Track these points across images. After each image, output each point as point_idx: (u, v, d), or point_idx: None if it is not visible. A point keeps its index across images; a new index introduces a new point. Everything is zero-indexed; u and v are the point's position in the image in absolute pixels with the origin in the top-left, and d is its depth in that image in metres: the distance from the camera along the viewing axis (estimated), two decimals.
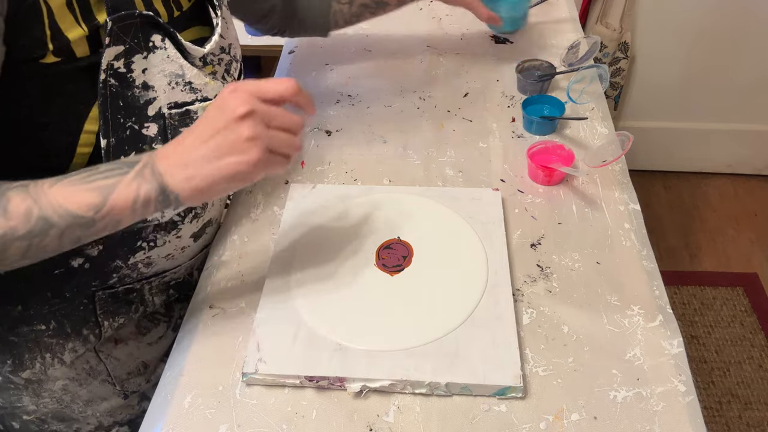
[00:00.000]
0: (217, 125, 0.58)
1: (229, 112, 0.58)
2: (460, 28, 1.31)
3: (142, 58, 0.64)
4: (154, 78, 0.66)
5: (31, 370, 0.79)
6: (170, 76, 0.67)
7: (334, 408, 0.70)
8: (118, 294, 0.80)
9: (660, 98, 2.11)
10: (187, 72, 0.68)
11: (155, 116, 0.68)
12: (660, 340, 0.74)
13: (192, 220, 0.81)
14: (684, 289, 1.92)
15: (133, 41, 0.63)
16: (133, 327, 0.85)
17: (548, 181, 0.94)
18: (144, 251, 0.77)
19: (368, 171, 0.99)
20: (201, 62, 0.72)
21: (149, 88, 0.66)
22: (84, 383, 0.82)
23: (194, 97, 0.70)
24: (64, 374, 0.80)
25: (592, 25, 1.93)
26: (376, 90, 1.15)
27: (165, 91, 0.67)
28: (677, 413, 0.68)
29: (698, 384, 1.69)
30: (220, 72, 0.76)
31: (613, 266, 0.83)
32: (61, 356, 0.79)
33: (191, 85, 0.69)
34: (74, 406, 0.83)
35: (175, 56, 0.67)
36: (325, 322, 0.75)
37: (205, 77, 0.70)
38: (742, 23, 1.91)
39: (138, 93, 0.66)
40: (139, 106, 0.66)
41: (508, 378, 0.69)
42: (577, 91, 1.04)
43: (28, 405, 0.82)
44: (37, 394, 0.81)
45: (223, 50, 0.76)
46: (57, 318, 0.77)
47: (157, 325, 0.88)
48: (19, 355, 0.78)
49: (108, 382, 0.84)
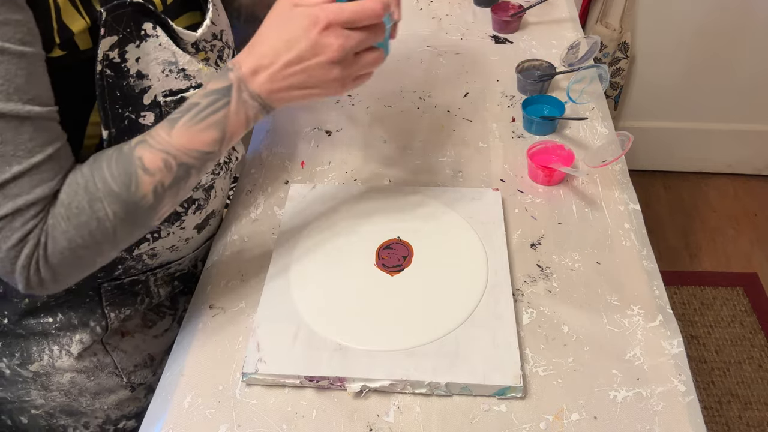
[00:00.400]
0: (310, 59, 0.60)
1: (324, 53, 0.59)
2: (460, 28, 1.31)
3: (135, 47, 0.64)
4: (148, 66, 0.66)
5: (39, 363, 0.79)
6: (164, 64, 0.67)
7: (334, 408, 0.70)
8: (123, 285, 0.81)
9: (660, 98, 2.11)
10: (180, 59, 0.69)
11: (151, 105, 0.68)
12: (660, 340, 0.74)
13: (195, 211, 0.82)
14: (684, 289, 1.92)
15: (126, 30, 0.63)
16: (139, 319, 0.86)
17: (548, 181, 0.94)
18: (148, 242, 0.78)
19: (368, 171, 0.99)
20: (194, 49, 0.72)
21: (143, 76, 0.67)
22: (92, 375, 0.82)
23: (188, 84, 0.71)
24: (71, 366, 0.81)
25: (592, 25, 1.93)
26: (376, 90, 1.15)
27: (159, 79, 0.68)
28: (677, 413, 0.68)
29: (698, 384, 1.69)
30: (213, 58, 0.76)
31: (613, 266, 0.83)
32: (69, 348, 0.79)
33: (185, 72, 0.70)
34: (82, 399, 0.83)
35: (167, 44, 0.67)
36: (325, 322, 0.75)
37: (198, 63, 0.71)
38: (742, 23, 1.91)
39: (133, 82, 0.66)
40: (134, 96, 0.67)
41: (508, 378, 0.69)
42: (577, 91, 1.04)
43: (36, 399, 0.82)
44: (45, 388, 0.81)
45: (215, 36, 0.76)
46: (63, 310, 0.78)
47: (162, 317, 0.89)
48: (26, 348, 0.79)
49: (115, 375, 0.84)
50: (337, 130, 1.07)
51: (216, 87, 0.62)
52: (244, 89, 0.61)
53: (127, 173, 0.60)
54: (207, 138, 0.62)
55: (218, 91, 0.62)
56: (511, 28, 1.28)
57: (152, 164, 0.61)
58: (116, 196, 0.60)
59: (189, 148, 0.61)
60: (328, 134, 1.06)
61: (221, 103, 0.61)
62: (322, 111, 1.11)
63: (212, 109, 0.61)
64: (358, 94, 1.14)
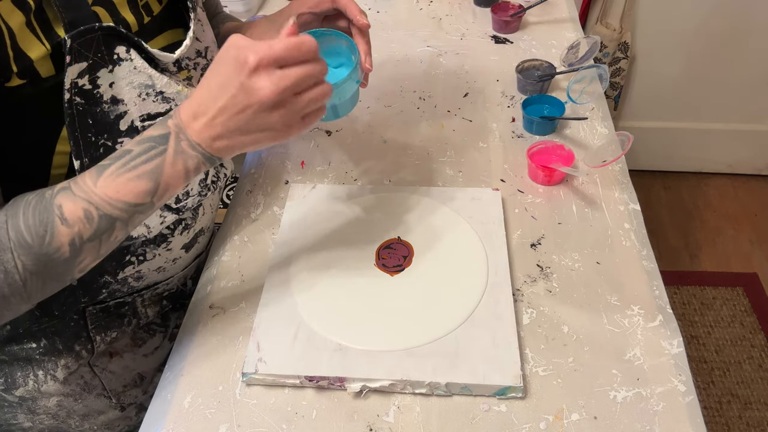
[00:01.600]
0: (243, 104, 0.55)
1: (256, 97, 0.55)
2: (460, 28, 1.31)
3: (107, 72, 0.61)
4: (123, 91, 0.63)
5: (24, 388, 0.77)
6: (140, 88, 0.64)
7: (334, 408, 0.70)
8: (109, 308, 0.79)
9: (660, 98, 2.11)
10: (156, 82, 0.65)
11: (128, 130, 0.65)
12: (660, 340, 0.74)
13: (182, 231, 0.79)
14: (684, 289, 1.92)
15: (96, 56, 0.59)
16: (128, 339, 0.84)
17: (548, 181, 0.94)
18: (133, 266, 0.76)
19: (368, 171, 0.99)
20: (175, 67, 0.69)
21: (118, 102, 0.63)
22: (79, 398, 0.81)
23: (167, 107, 0.67)
24: (57, 390, 0.79)
25: (592, 25, 1.93)
26: (376, 90, 1.15)
27: (135, 103, 0.64)
28: (677, 413, 0.68)
29: (698, 384, 1.69)
30: (196, 77, 0.73)
31: (613, 266, 0.83)
32: (54, 373, 0.78)
33: (163, 94, 0.66)
34: (70, 421, 0.82)
35: (142, 66, 0.63)
36: (325, 322, 0.75)
37: (177, 85, 0.67)
38: (742, 23, 1.91)
39: (107, 108, 0.63)
40: (109, 122, 0.63)
41: (508, 378, 0.69)
42: (577, 91, 1.04)
43: (23, 422, 0.80)
44: (32, 411, 0.79)
45: (199, 54, 0.73)
46: (47, 335, 0.76)
47: (153, 335, 0.87)
48: (11, 374, 0.77)
49: (104, 396, 0.83)
50: (337, 130, 1.07)
51: (152, 134, 0.57)
52: (183, 138, 0.57)
53: (43, 223, 0.55)
54: (137, 188, 0.57)
55: (154, 138, 0.57)
56: (511, 28, 1.28)
57: (72, 214, 0.56)
58: (28, 247, 0.55)
59: (115, 199, 0.56)
60: (328, 134, 1.06)
61: (156, 152, 0.57)
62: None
63: (146, 157, 0.57)
64: None
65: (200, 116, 0.57)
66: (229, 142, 0.57)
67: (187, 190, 0.76)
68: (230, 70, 0.55)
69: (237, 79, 0.55)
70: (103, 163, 0.57)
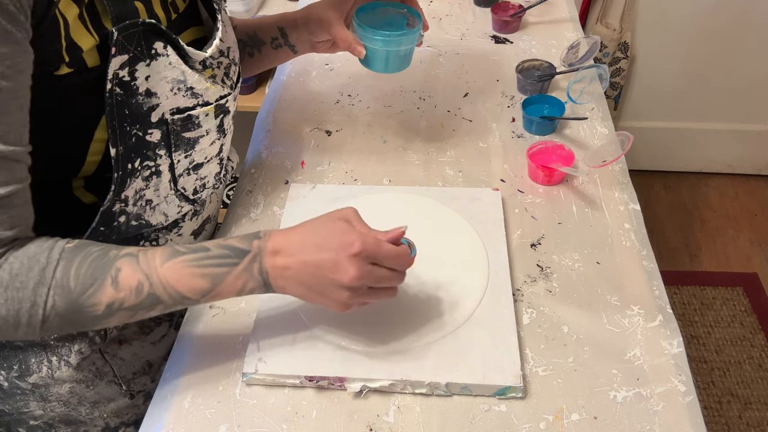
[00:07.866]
0: (325, 273, 0.62)
1: (339, 275, 0.61)
2: (460, 28, 1.31)
3: (145, 66, 0.64)
4: (157, 85, 0.66)
5: (38, 375, 0.78)
6: (172, 83, 0.67)
7: (334, 408, 0.70)
8: None
9: (660, 98, 2.11)
10: (188, 78, 0.69)
11: (158, 122, 0.68)
12: (660, 340, 0.74)
13: (192, 217, 0.82)
14: (684, 289, 1.92)
15: (137, 49, 0.63)
16: (136, 327, 0.85)
17: (548, 181, 0.94)
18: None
19: (368, 171, 0.99)
20: (201, 66, 0.72)
21: (152, 94, 0.66)
22: (91, 385, 0.82)
23: (195, 102, 0.71)
24: (70, 377, 0.80)
25: (592, 25, 1.93)
26: (376, 90, 1.15)
27: (167, 97, 0.68)
28: (677, 413, 0.68)
29: (698, 384, 1.69)
30: (220, 75, 0.76)
31: (613, 266, 0.83)
32: (68, 359, 0.79)
33: (193, 90, 0.70)
34: (81, 408, 0.83)
35: (176, 62, 0.67)
36: (325, 323, 0.75)
37: (205, 82, 0.71)
38: (742, 23, 1.91)
39: (141, 100, 0.66)
40: (142, 113, 0.66)
41: (508, 378, 0.69)
42: (577, 91, 1.04)
43: (35, 410, 0.81)
44: (44, 399, 0.80)
45: (222, 53, 0.76)
46: None
47: (159, 323, 0.88)
48: (25, 360, 0.78)
49: (114, 383, 0.84)
50: (337, 130, 1.07)
51: (235, 245, 0.63)
52: (257, 260, 0.63)
53: (94, 277, 0.59)
54: (195, 285, 0.62)
55: (234, 249, 0.63)
56: (511, 28, 1.28)
57: (125, 281, 0.60)
58: (68, 292, 0.58)
59: (171, 285, 0.61)
60: (328, 134, 1.06)
61: (230, 261, 0.63)
62: (322, 111, 1.11)
63: (219, 262, 0.62)
64: (358, 94, 1.14)
65: (283, 255, 0.63)
66: (292, 287, 0.64)
67: (204, 182, 0.79)
68: (334, 242, 0.62)
69: (334, 252, 0.62)
70: (179, 249, 0.63)
